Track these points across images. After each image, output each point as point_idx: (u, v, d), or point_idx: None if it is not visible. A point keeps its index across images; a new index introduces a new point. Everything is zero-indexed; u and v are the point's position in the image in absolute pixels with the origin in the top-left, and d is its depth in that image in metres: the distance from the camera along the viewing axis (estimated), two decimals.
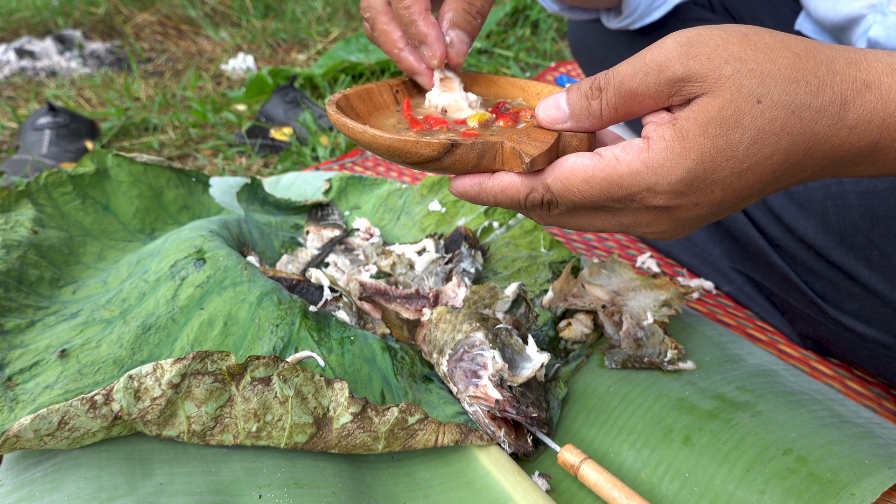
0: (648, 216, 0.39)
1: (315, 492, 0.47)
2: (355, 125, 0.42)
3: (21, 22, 2.17)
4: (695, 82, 0.35)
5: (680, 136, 0.35)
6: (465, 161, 0.40)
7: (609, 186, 0.37)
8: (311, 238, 0.79)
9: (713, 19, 0.92)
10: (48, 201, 0.73)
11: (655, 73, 0.36)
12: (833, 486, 0.48)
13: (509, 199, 0.40)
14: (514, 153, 0.39)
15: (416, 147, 0.39)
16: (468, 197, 0.41)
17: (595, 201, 0.38)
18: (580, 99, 0.39)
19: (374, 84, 0.51)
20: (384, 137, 0.40)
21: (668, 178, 0.36)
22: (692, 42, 0.36)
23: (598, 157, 0.37)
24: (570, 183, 0.38)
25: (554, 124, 0.40)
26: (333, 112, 0.44)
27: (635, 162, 0.36)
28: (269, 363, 0.48)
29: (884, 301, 0.61)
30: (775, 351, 0.72)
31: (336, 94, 0.47)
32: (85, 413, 0.45)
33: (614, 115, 0.38)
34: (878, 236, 0.60)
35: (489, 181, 0.41)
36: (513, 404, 0.53)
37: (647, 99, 0.37)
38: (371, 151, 0.42)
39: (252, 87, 1.53)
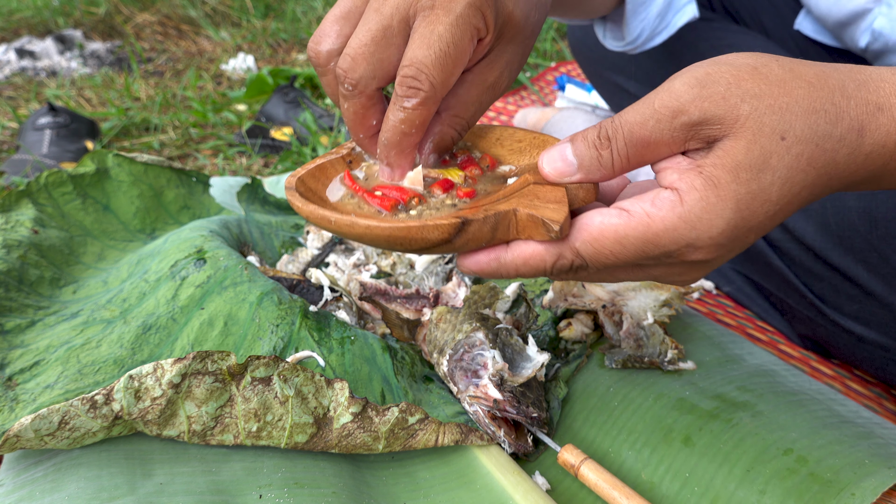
0: (683, 268, 0.37)
1: (315, 492, 0.47)
2: (339, 217, 0.36)
3: (21, 22, 2.18)
4: (713, 125, 0.33)
5: (712, 184, 0.33)
6: (478, 238, 0.36)
7: (644, 245, 0.35)
8: (312, 238, 0.80)
9: (714, 18, 0.92)
10: (49, 201, 0.73)
11: (669, 120, 0.34)
12: (833, 486, 0.48)
13: (533, 269, 0.37)
14: (534, 221, 0.35)
15: (423, 232, 0.35)
16: (484, 274, 0.38)
17: (628, 261, 0.36)
18: (589, 149, 0.36)
19: (326, 159, 0.43)
20: (382, 227, 0.35)
21: (709, 233, 0.34)
22: (703, 82, 0.34)
23: (627, 214, 0.35)
24: (601, 246, 0.35)
25: (562, 178, 0.37)
26: (301, 204, 0.38)
27: (671, 217, 0.34)
28: (269, 363, 0.48)
29: (882, 303, 0.61)
30: (775, 351, 0.72)
31: (290, 179, 0.40)
32: (85, 413, 0.45)
33: (626, 165, 0.36)
34: (877, 238, 0.60)
35: (507, 254, 0.37)
36: (513, 404, 0.53)
37: (661, 146, 0.35)
38: (363, 243, 0.36)
39: (252, 87, 1.53)
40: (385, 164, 0.42)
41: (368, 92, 0.40)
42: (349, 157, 0.44)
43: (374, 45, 0.38)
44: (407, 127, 0.39)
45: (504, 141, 0.45)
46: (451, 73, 0.37)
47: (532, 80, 1.51)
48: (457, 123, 0.42)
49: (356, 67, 0.38)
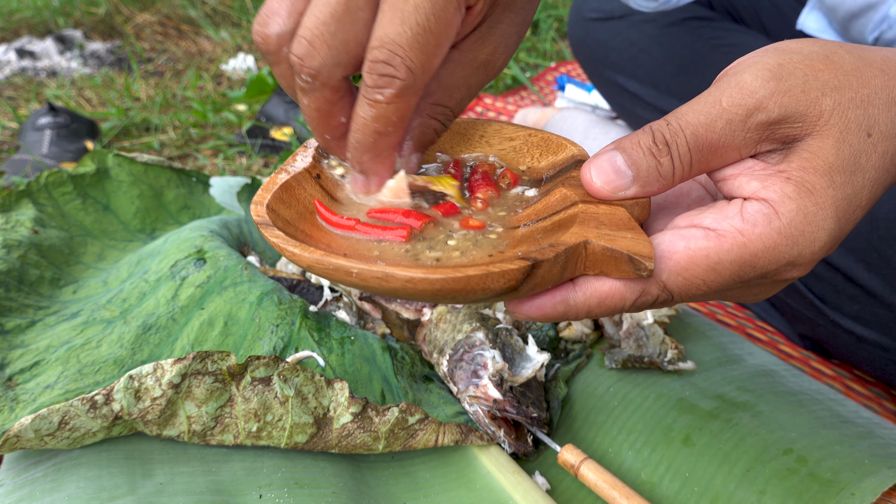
0: (767, 288, 0.33)
1: (315, 491, 0.47)
2: (365, 269, 0.27)
3: (21, 22, 2.18)
4: (793, 123, 0.30)
5: (807, 191, 0.29)
6: (545, 282, 0.29)
7: (741, 270, 0.30)
8: None
9: (714, 18, 0.92)
10: (49, 201, 0.73)
11: (742, 120, 0.30)
12: (833, 486, 0.48)
13: (609, 309, 0.31)
14: (613, 256, 0.29)
15: (485, 282, 0.27)
16: (548, 319, 0.32)
17: (719, 288, 0.31)
18: (645, 157, 0.31)
19: (290, 174, 0.34)
20: (431, 279, 0.27)
21: (812, 247, 0.30)
22: (778, 74, 0.30)
23: (716, 234, 0.30)
24: (692, 276, 0.30)
25: (616, 193, 0.31)
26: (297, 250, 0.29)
27: (769, 234, 0.29)
28: (269, 363, 0.48)
29: (883, 303, 0.61)
30: (775, 351, 0.72)
31: (257, 211, 0.31)
32: (85, 413, 0.45)
33: (688, 174, 0.32)
34: (878, 238, 0.60)
35: (577, 295, 0.31)
36: (513, 404, 0.53)
37: (731, 150, 0.31)
38: (397, 297, 0.28)
39: (252, 87, 1.53)
40: (358, 172, 0.34)
41: (332, 83, 0.32)
42: (316, 170, 0.35)
43: (336, 24, 0.30)
44: (381, 125, 0.31)
45: (490, 139, 0.38)
46: (433, 53, 0.30)
47: (532, 80, 1.51)
48: (440, 113, 0.35)
49: (314, 53, 0.30)
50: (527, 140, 0.37)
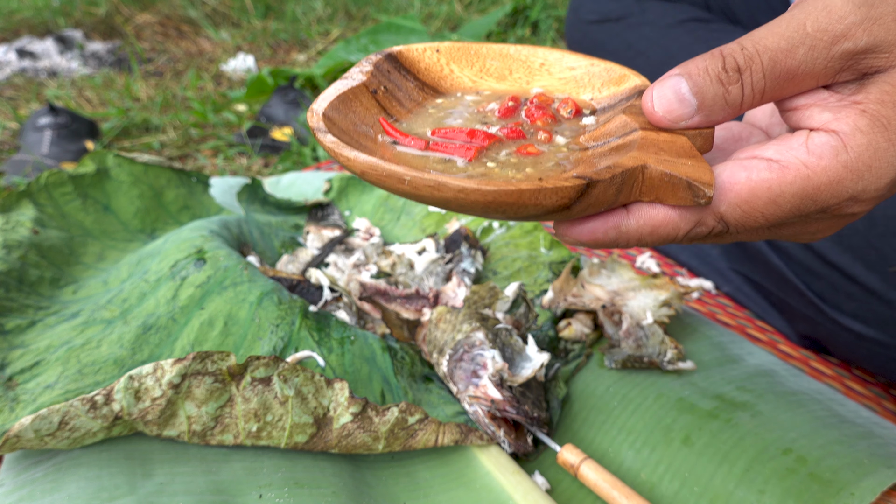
0: (826, 224, 0.32)
1: (315, 491, 0.47)
2: (418, 176, 0.27)
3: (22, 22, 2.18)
4: (879, 54, 0.28)
5: (881, 125, 0.28)
6: (599, 203, 0.29)
7: (801, 203, 0.29)
8: (312, 238, 0.80)
9: (710, 20, 0.92)
10: (49, 201, 0.73)
11: (826, 46, 0.28)
12: (833, 486, 0.48)
13: (662, 238, 0.31)
14: (671, 182, 0.29)
15: (537, 197, 0.27)
16: (598, 245, 0.31)
17: (777, 222, 0.30)
18: (712, 85, 0.30)
19: (346, 86, 0.34)
20: (483, 191, 0.27)
21: (877, 183, 0.29)
22: (870, 2, 0.28)
23: (780, 166, 0.29)
24: (752, 208, 0.29)
25: (678, 122, 0.31)
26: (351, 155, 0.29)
27: (834, 167, 0.29)
28: (269, 363, 0.48)
29: (881, 300, 0.61)
30: (775, 351, 0.72)
31: (312, 115, 0.32)
32: (85, 413, 0.45)
33: (758, 102, 0.30)
34: (876, 236, 0.60)
35: (630, 221, 0.30)
36: (513, 404, 0.53)
37: (808, 79, 0.29)
38: (445, 210, 0.29)
39: (252, 87, 1.53)
40: None
41: None
42: (373, 85, 0.35)
43: None
44: None
45: (551, 67, 0.37)
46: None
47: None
48: None
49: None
50: (588, 70, 0.36)
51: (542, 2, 1.93)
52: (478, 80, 0.39)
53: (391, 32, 1.78)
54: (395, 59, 0.38)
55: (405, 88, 0.37)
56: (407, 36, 1.75)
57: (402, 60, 0.38)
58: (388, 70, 0.37)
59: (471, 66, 0.39)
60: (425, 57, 0.39)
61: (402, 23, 1.80)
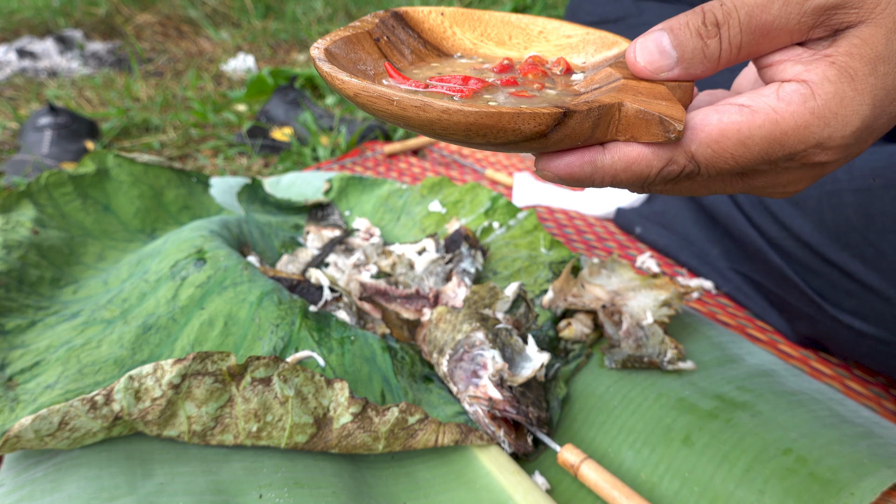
0: (796, 175, 0.33)
1: (315, 491, 0.47)
2: (405, 97, 0.29)
3: (22, 22, 2.18)
4: (850, 9, 0.30)
5: (848, 76, 0.30)
6: (575, 135, 0.30)
7: (770, 146, 0.31)
8: (312, 238, 0.80)
9: None
10: (49, 202, 0.73)
11: (799, 2, 0.30)
12: (833, 486, 0.48)
13: (635, 176, 0.32)
14: (645, 118, 0.30)
15: (516, 121, 0.28)
16: (573, 179, 0.32)
17: (747, 165, 0.31)
18: (692, 39, 0.31)
19: (352, 31, 0.36)
20: (465, 111, 0.28)
21: (843, 131, 0.30)
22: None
23: (750, 110, 0.30)
24: (721, 148, 0.31)
25: (658, 73, 0.32)
26: (345, 77, 0.30)
27: (802, 113, 0.30)
28: (269, 363, 0.48)
29: (880, 297, 0.61)
30: (775, 350, 0.72)
31: (315, 49, 0.34)
32: (85, 413, 0.45)
33: (735, 57, 0.32)
34: (873, 233, 0.60)
35: (605, 157, 0.31)
36: (513, 404, 0.53)
37: (783, 35, 0.31)
38: (427, 133, 0.30)
39: (252, 87, 1.53)
40: None
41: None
42: (377, 34, 0.37)
43: None
44: None
45: (549, 35, 0.39)
46: None
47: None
48: None
49: None
50: (584, 38, 0.39)
51: (541, 2, 1.93)
52: (478, 44, 0.41)
53: None
54: (400, 17, 0.40)
55: (408, 43, 0.39)
56: None
57: (408, 20, 0.40)
58: (392, 25, 0.39)
59: (472, 30, 0.41)
60: (430, 18, 0.41)
61: None
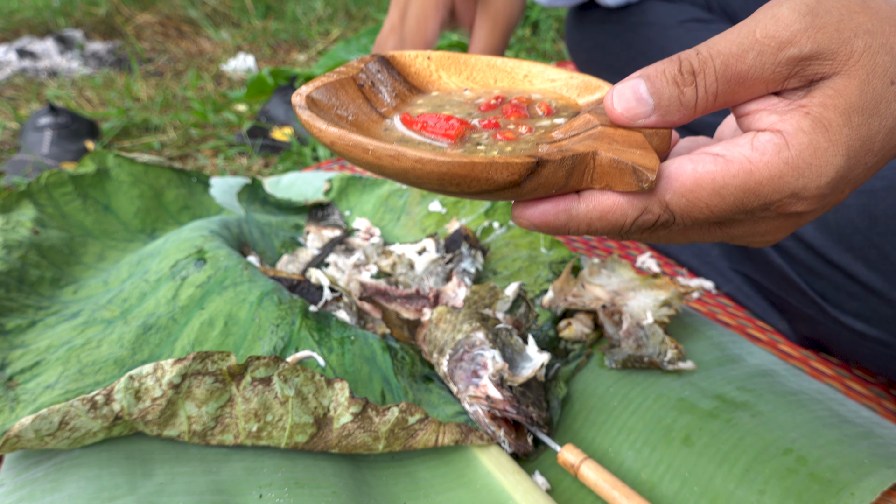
0: (773, 224, 0.33)
1: (315, 491, 0.47)
2: (380, 146, 0.29)
3: (22, 22, 2.18)
4: (823, 60, 0.30)
5: (822, 127, 0.30)
6: (549, 184, 0.30)
7: (744, 196, 0.31)
8: (312, 238, 0.80)
9: (711, 20, 0.92)
10: (49, 202, 0.73)
11: (773, 52, 0.30)
12: (833, 486, 0.48)
13: (610, 225, 0.32)
14: (619, 168, 0.30)
15: (489, 171, 0.29)
16: (549, 228, 0.32)
17: (722, 215, 0.31)
18: (668, 87, 0.31)
19: (336, 76, 0.36)
20: (438, 161, 0.28)
21: (818, 181, 0.30)
22: (815, 11, 0.30)
23: (724, 160, 0.31)
24: (696, 198, 0.31)
25: (635, 120, 0.32)
26: (322, 126, 0.31)
27: (776, 163, 0.30)
28: (269, 363, 0.48)
29: (883, 299, 0.61)
30: (775, 351, 0.72)
31: (296, 96, 0.34)
32: (85, 413, 0.45)
33: (712, 105, 0.32)
34: (877, 235, 0.60)
35: (580, 206, 0.31)
36: (513, 404, 0.53)
37: (758, 84, 0.31)
38: (402, 182, 0.30)
39: (252, 87, 1.53)
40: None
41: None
42: (361, 81, 0.37)
43: None
44: None
45: (534, 78, 0.40)
46: None
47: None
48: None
49: None
50: (567, 82, 0.39)
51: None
52: (463, 87, 0.41)
53: None
54: (387, 61, 0.40)
55: (393, 87, 0.39)
56: None
57: (395, 63, 0.40)
58: (378, 70, 0.39)
59: (458, 74, 0.41)
60: (416, 62, 0.41)
61: None
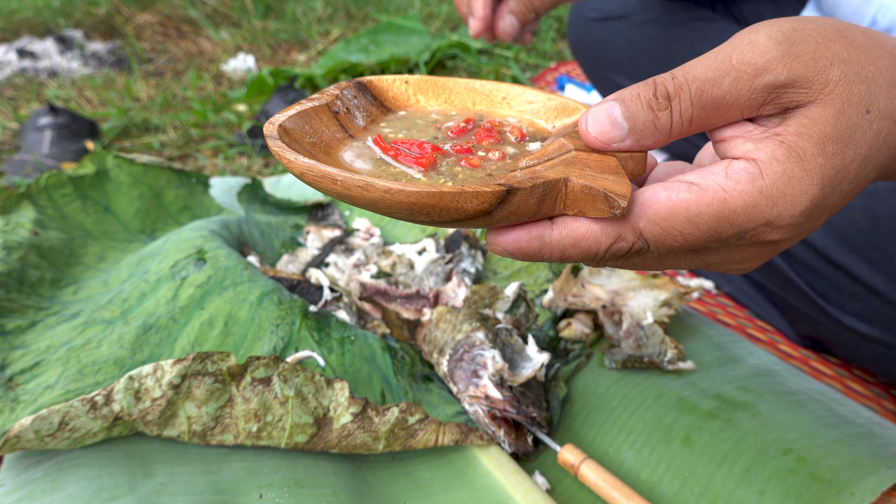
0: (749, 252, 0.33)
1: (315, 491, 0.47)
2: (348, 177, 0.29)
3: (22, 22, 2.18)
4: (799, 88, 0.30)
5: (797, 156, 0.30)
6: (520, 212, 0.30)
7: (718, 224, 0.30)
8: (312, 238, 0.80)
9: (714, 19, 0.92)
10: (49, 203, 0.73)
11: (749, 78, 0.30)
12: (833, 486, 0.48)
13: (584, 252, 0.31)
14: (591, 194, 0.30)
15: (458, 200, 0.28)
16: (522, 255, 0.31)
17: (696, 243, 0.31)
18: (643, 111, 0.31)
19: (310, 104, 0.36)
20: (407, 192, 0.28)
21: (792, 210, 0.30)
22: (791, 39, 0.30)
23: (698, 188, 0.30)
24: (669, 226, 0.30)
25: (610, 144, 0.32)
26: (291, 157, 0.30)
27: (750, 192, 0.30)
28: (269, 363, 0.48)
29: (885, 301, 0.61)
30: (775, 351, 0.72)
31: (269, 125, 0.33)
32: (85, 413, 0.45)
33: (687, 129, 0.31)
34: (880, 236, 0.60)
35: (553, 233, 0.31)
36: (513, 404, 0.53)
37: (733, 110, 0.31)
38: (373, 211, 0.30)
39: (252, 87, 1.53)
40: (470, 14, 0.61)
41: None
42: (336, 108, 0.37)
43: None
44: None
45: (512, 101, 0.40)
46: None
47: (532, 80, 1.51)
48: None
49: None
50: (545, 104, 0.39)
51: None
52: (442, 110, 0.41)
53: (391, 32, 1.78)
54: (364, 86, 0.40)
55: (368, 111, 0.39)
56: (407, 36, 1.75)
57: (372, 89, 0.40)
58: (354, 96, 0.39)
59: (436, 97, 0.41)
60: (394, 87, 0.41)
61: (403, 23, 1.80)
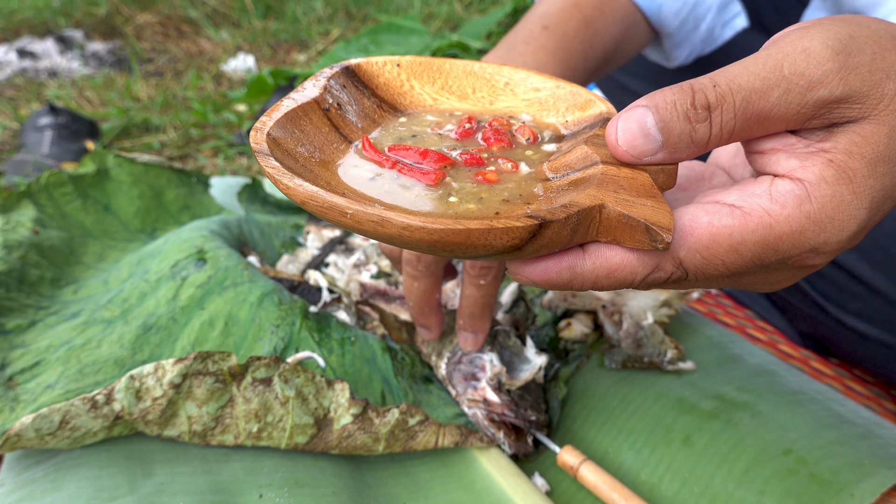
0: (786, 275, 0.31)
1: (315, 491, 0.47)
2: (360, 210, 0.25)
3: (22, 22, 2.18)
4: (853, 104, 0.27)
5: (846, 178, 0.27)
6: (553, 244, 0.27)
7: (763, 252, 0.28)
8: (312, 238, 0.80)
9: None
10: (49, 202, 0.73)
11: (802, 91, 0.27)
12: (833, 487, 0.48)
13: (618, 282, 0.29)
14: (629, 224, 0.27)
15: (487, 238, 0.25)
16: (550, 285, 0.29)
17: (737, 270, 0.29)
18: (679, 122, 0.28)
19: (298, 104, 0.32)
20: (429, 229, 0.24)
21: (839, 236, 0.28)
22: (848, 49, 0.27)
23: (742, 213, 0.28)
24: (712, 255, 0.28)
25: (641, 158, 0.28)
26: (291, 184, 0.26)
27: (797, 217, 0.27)
28: (269, 364, 0.48)
29: (886, 301, 0.61)
30: (775, 351, 0.72)
31: (255, 134, 0.29)
32: (86, 413, 0.45)
33: (725, 141, 0.29)
34: (882, 236, 0.60)
35: (585, 263, 0.28)
36: (511, 408, 0.53)
37: (779, 122, 0.28)
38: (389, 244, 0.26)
39: (252, 87, 1.53)
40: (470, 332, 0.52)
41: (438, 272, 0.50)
42: (325, 103, 0.33)
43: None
44: (487, 299, 0.48)
45: (516, 87, 0.36)
46: None
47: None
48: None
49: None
50: (554, 92, 0.35)
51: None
52: (439, 98, 0.37)
53: (391, 32, 1.78)
54: (352, 72, 0.36)
55: (361, 105, 0.35)
56: (407, 36, 1.75)
57: (361, 74, 0.36)
58: (343, 85, 0.35)
59: (432, 83, 0.37)
60: (385, 71, 0.37)
61: (403, 23, 1.80)
